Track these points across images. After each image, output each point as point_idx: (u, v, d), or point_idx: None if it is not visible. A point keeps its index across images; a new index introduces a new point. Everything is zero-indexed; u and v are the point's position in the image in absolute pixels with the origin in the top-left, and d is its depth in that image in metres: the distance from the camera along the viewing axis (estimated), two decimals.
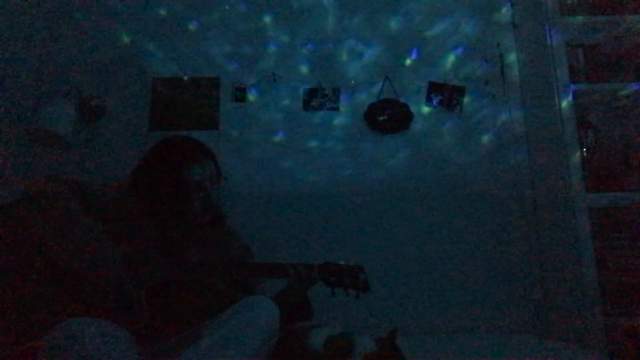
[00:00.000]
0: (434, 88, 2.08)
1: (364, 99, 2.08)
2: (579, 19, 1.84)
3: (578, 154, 1.70)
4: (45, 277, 1.04)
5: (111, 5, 2.16)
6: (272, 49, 2.14)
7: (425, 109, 2.09)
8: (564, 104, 1.75)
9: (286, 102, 2.10)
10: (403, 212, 1.99)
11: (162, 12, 2.16)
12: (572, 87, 1.77)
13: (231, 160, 2.01)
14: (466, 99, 2.07)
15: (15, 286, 1.02)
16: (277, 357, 1.06)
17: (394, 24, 2.16)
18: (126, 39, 2.13)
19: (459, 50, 2.12)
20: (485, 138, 2.06)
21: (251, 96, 2.10)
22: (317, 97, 2.09)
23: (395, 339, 1.11)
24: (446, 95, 2.07)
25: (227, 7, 2.13)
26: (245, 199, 1.98)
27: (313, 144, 2.07)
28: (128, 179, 1.24)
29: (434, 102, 2.08)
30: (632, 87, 1.80)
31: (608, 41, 1.94)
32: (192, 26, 2.16)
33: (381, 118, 2.04)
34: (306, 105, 2.09)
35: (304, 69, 2.13)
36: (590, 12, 1.90)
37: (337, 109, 2.08)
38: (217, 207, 1.31)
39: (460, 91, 2.07)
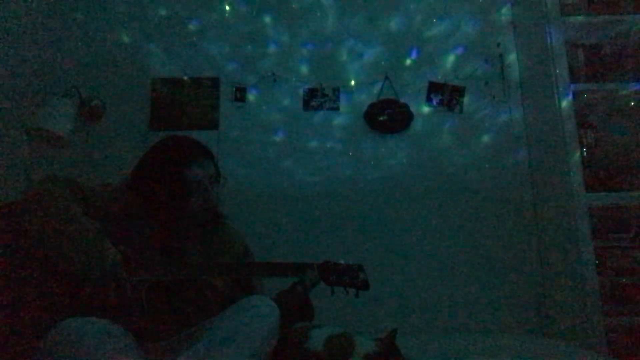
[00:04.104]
0: (434, 88, 2.09)
1: (364, 99, 2.08)
2: (579, 19, 1.84)
3: (578, 154, 1.70)
4: (45, 277, 1.04)
5: (111, 5, 2.16)
6: (272, 49, 2.14)
7: (425, 109, 2.09)
8: (564, 104, 1.75)
9: (286, 102, 2.10)
10: (403, 212, 1.99)
11: (162, 12, 2.16)
12: (572, 87, 1.77)
13: (231, 160, 2.01)
14: (466, 99, 2.07)
15: (15, 286, 1.02)
16: (277, 357, 1.06)
17: (394, 24, 2.16)
18: (126, 39, 2.13)
19: (459, 50, 2.12)
20: (485, 138, 2.06)
21: (251, 96, 2.10)
22: (317, 97, 2.09)
23: (395, 339, 1.11)
24: (446, 95, 2.07)
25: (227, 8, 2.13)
26: (245, 199, 1.98)
27: (313, 144, 2.07)
28: (128, 179, 1.24)
29: (434, 102, 2.08)
30: (632, 87, 1.80)
31: (608, 41, 1.94)
32: (192, 26, 2.16)
33: (381, 118, 2.04)
34: (306, 105, 2.09)
35: (304, 69, 2.13)
36: (590, 12, 1.90)
37: (337, 109, 2.09)
38: (217, 207, 1.31)
39: (460, 91, 2.07)
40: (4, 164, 1.87)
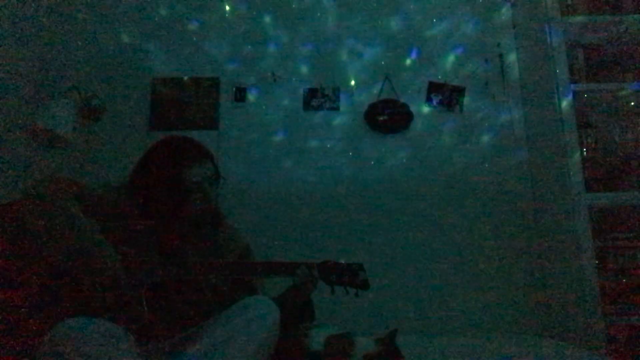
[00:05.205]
0: (434, 88, 2.08)
1: (364, 99, 2.08)
2: (579, 19, 1.84)
3: (578, 154, 1.70)
4: (45, 277, 1.04)
5: (111, 5, 2.16)
6: (272, 49, 2.14)
7: (425, 109, 2.09)
8: (564, 104, 1.75)
9: (286, 102, 2.10)
10: (403, 211, 1.99)
11: (162, 12, 2.16)
12: (572, 87, 1.77)
13: (231, 160, 2.01)
14: (466, 99, 2.07)
15: (15, 286, 1.02)
16: (277, 357, 1.06)
17: (394, 24, 2.16)
18: (126, 39, 2.13)
19: (459, 50, 2.12)
20: (485, 138, 2.06)
21: (251, 96, 2.10)
22: (317, 97, 2.09)
23: (395, 339, 1.11)
24: (446, 95, 2.07)
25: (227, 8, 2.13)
26: (245, 199, 1.98)
27: (313, 144, 2.07)
28: (127, 179, 1.24)
29: (434, 102, 2.08)
30: (632, 87, 1.80)
31: (608, 41, 1.94)
32: (192, 26, 2.16)
33: (381, 118, 2.04)
34: (306, 105, 2.09)
35: (304, 69, 2.13)
36: (590, 12, 1.90)
37: (337, 109, 2.08)
38: (217, 208, 1.31)
39: (460, 91, 2.07)
40: (4, 164, 1.87)
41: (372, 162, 2.04)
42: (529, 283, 1.90)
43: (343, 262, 1.24)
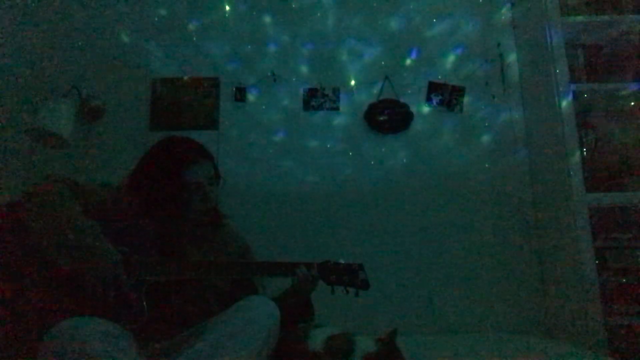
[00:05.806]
0: (434, 88, 2.08)
1: (364, 99, 2.08)
2: (579, 19, 1.84)
3: (578, 154, 1.70)
4: (45, 277, 1.04)
5: (111, 5, 2.16)
6: (272, 49, 2.14)
7: (425, 109, 2.09)
8: (564, 104, 1.75)
9: (286, 102, 2.10)
10: (403, 211, 1.99)
11: (162, 12, 2.16)
12: (572, 87, 1.77)
13: (231, 160, 2.01)
14: (466, 99, 2.07)
15: (15, 286, 1.02)
16: (277, 357, 1.06)
17: (394, 24, 2.16)
18: (126, 39, 2.13)
19: (459, 50, 2.12)
20: (485, 138, 2.06)
21: (251, 96, 2.10)
22: (317, 97, 2.09)
23: (395, 339, 1.11)
24: (446, 95, 2.08)
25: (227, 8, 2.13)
26: (245, 199, 1.98)
27: (313, 144, 2.07)
28: (127, 179, 1.24)
29: (434, 102, 2.08)
30: (632, 87, 1.80)
31: (608, 41, 1.94)
32: (192, 26, 2.16)
33: (381, 118, 2.04)
34: (306, 105, 2.09)
35: (304, 69, 2.13)
36: (590, 12, 1.90)
37: (337, 109, 2.08)
38: (217, 208, 1.31)
39: (460, 91, 2.07)
40: (4, 164, 1.87)
41: (372, 162, 2.04)
42: (529, 283, 1.90)
43: (343, 262, 1.24)
